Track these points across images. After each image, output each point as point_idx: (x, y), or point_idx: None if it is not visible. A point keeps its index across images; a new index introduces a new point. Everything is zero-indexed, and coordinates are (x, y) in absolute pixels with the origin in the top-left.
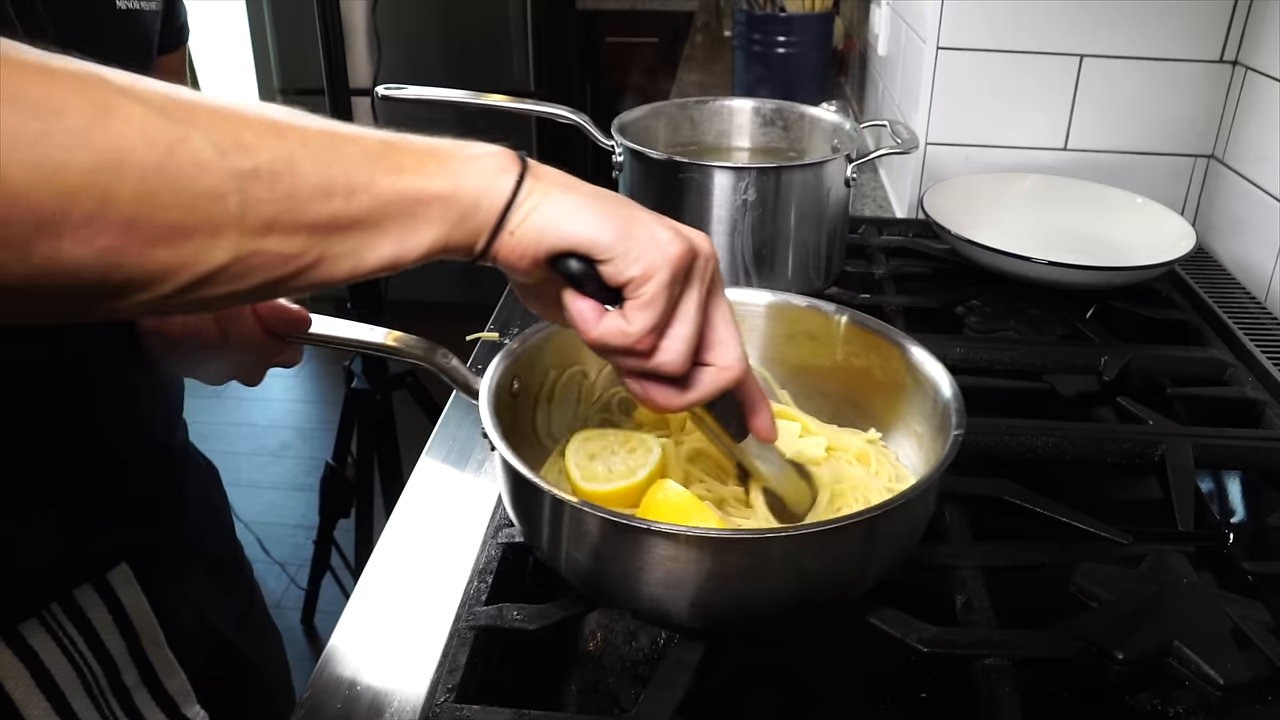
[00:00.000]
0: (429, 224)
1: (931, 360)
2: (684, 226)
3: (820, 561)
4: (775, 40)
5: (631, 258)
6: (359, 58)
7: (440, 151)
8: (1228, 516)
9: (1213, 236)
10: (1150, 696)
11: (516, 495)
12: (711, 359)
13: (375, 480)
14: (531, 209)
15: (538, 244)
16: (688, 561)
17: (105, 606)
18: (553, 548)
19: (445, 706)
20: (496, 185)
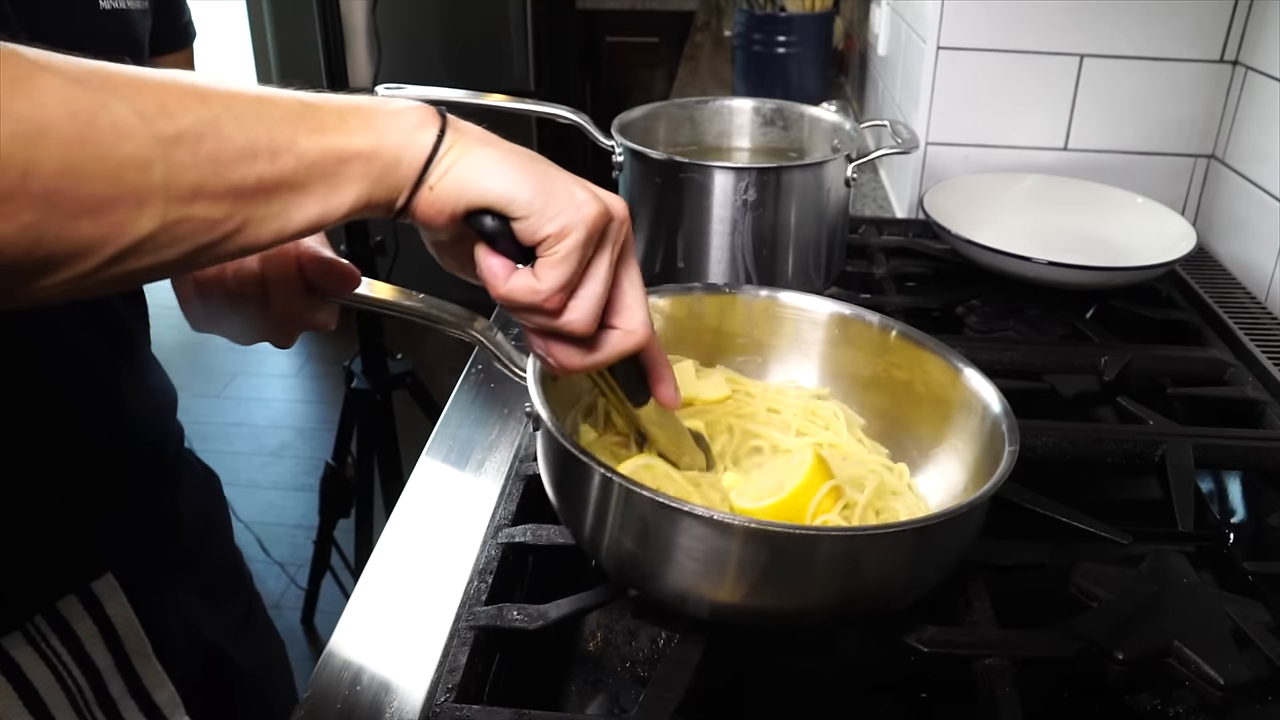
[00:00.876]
0: (351, 182)
1: (979, 377)
2: (599, 189)
3: (873, 565)
4: (775, 40)
5: (548, 216)
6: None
7: (362, 109)
8: (1228, 516)
9: (1213, 236)
10: (1150, 696)
11: (562, 474)
12: (618, 322)
13: (375, 480)
14: (451, 164)
15: (456, 200)
16: (739, 551)
17: (90, 618)
18: (596, 530)
19: (445, 706)
20: (417, 140)
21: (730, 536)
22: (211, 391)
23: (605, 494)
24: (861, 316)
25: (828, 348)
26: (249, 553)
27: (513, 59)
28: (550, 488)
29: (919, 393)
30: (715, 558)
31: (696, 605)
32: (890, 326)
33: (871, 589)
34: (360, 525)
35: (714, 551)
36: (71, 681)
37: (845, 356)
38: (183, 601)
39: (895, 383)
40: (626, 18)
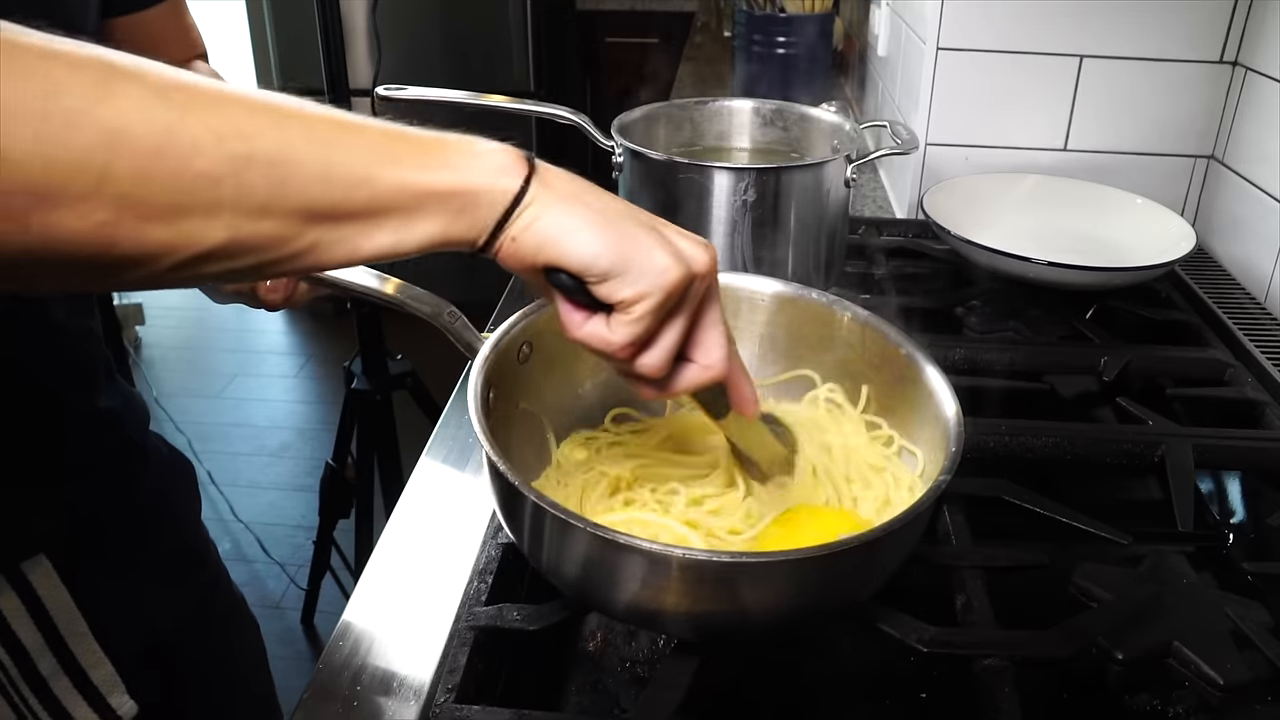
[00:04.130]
0: (427, 219)
1: (938, 377)
2: (686, 242)
3: (818, 584)
4: (775, 40)
5: (626, 282)
6: (359, 58)
7: (447, 146)
8: (1227, 517)
9: (1213, 237)
10: (1150, 696)
11: (504, 500)
12: (695, 356)
13: (375, 480)
14: (533, 219)
15: (535, 255)
16: (672, 580)
17: (16, 595)
18: (534, 550)
19: (445, 707)
20: (500, 186)
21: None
22: (211, 392)
23: (538, 520)
24: (830, 305)
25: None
26: (249, 553)
27: (513, 59)
28: (499, 512)
29: (885, 380)
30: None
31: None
32: (845, 310)
33: (824, 600)
34: (360, 525)
35: (639, 579)
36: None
37: (814, 338)
38: (129, 584)
39: (861, 369)
40: (626, 18)
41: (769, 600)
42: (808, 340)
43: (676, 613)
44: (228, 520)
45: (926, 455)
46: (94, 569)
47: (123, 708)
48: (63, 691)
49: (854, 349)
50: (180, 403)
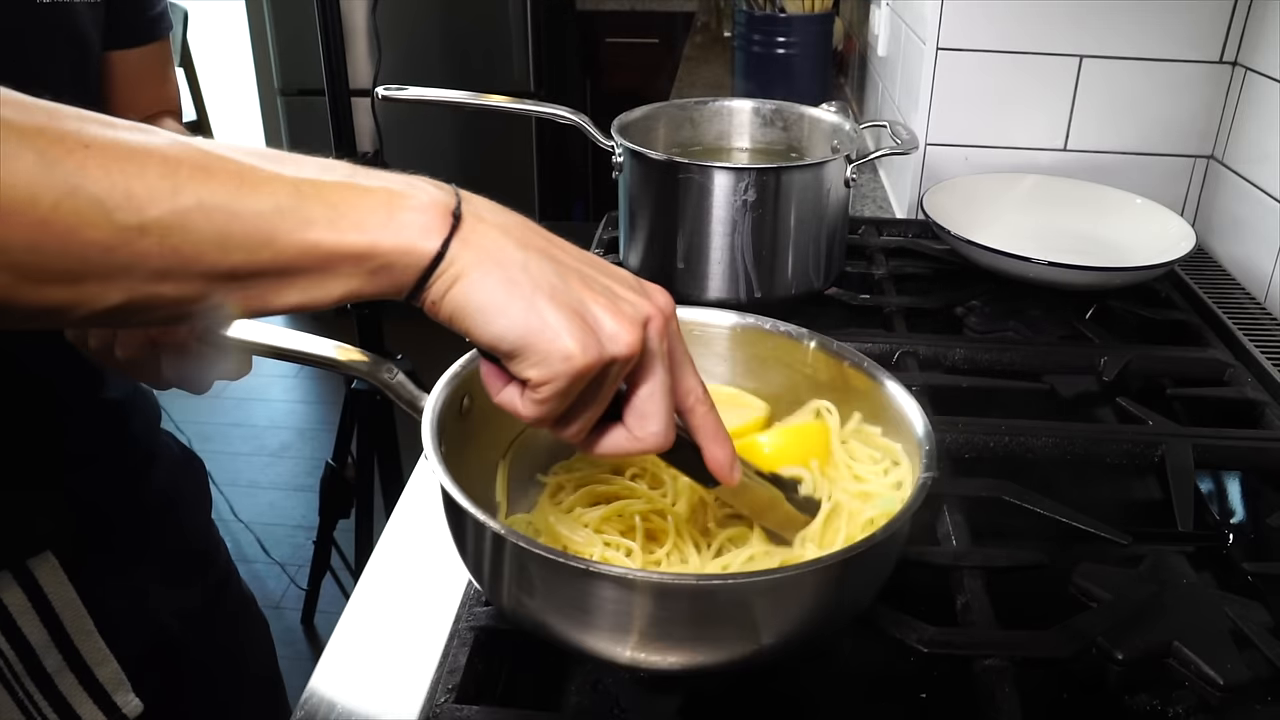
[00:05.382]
0: (338, 279)
1: (905, 395)
2: (613, 320)
3: (775, 610)
4: (775, 41)
5: (529, 364)
6: (359, 58)
7: (363, 200)
8: (1227, 517)
9: (1212, 237)
10: (1150, 696)
11: (455, 525)
12: (629, 424)
13: (375, 481)
14: (448, 286)
15: (450, 323)
16: (628, 606)
17: (23, 593)
18: (494, 585)
19: (445, 707)
20: (417, 249)
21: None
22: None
23: (495, 547)
24: (789, 333)
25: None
26: (249, 553)
27: (513, 59)
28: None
29: (854, 407)
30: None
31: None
32: (810, 340)
33: (781, 632)
34: (360, 526)
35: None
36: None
37: (779, 375)
38: (136, 582)
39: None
40: (626, 18)
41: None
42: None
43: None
44: (228, 520)
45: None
46: (101, 565)
47: (128, 705)
48: (68, 688)
49: (815, 375)
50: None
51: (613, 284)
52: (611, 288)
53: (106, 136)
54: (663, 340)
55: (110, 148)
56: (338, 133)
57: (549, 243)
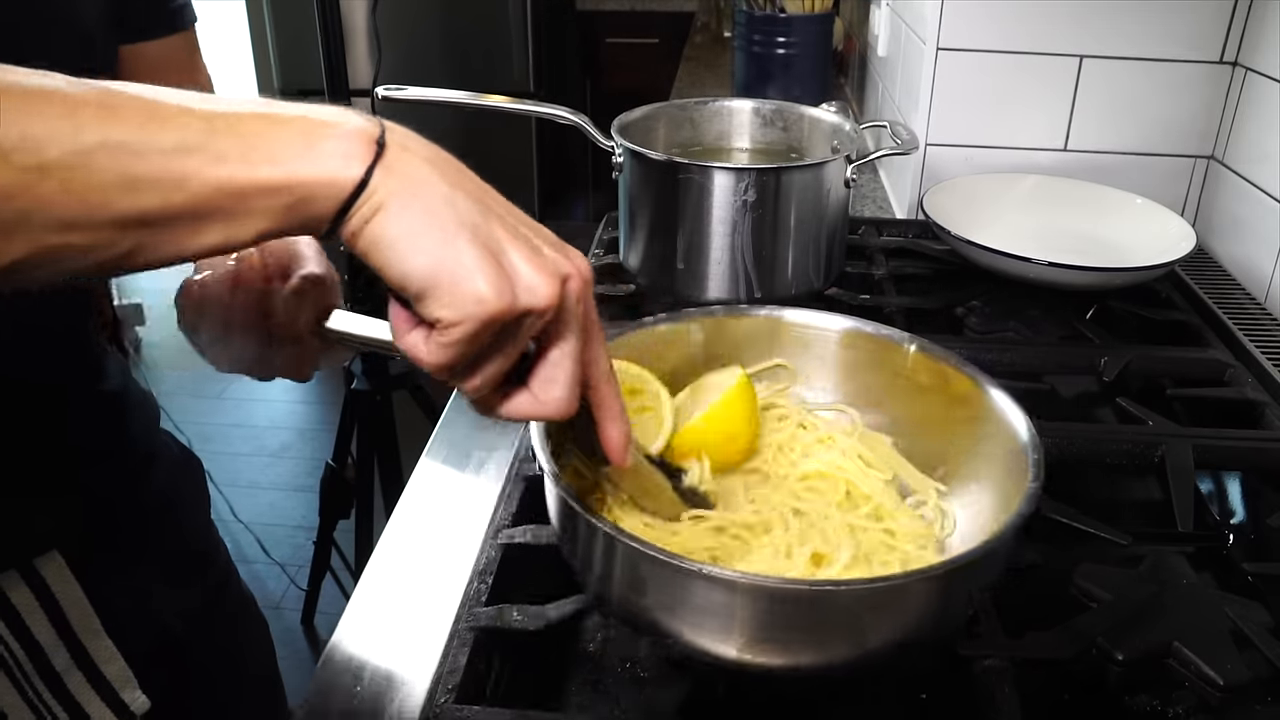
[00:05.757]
0: (255, 215)
1: (1009, 403)
2: (531, 270)
3: (883, 616)
4: (775, 41)
5: (441, 302)
6: (359, 58)
7: (280, 131)
8: (1227, 517)
9: (1213, 237)
10: (1150, 697)
11: (565, 525)
12: (534, 387)
13: (375, 481)
14: (367, 218)
15: (365, 257)
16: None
17: (31, 591)
18: (603, 582)
19: (445, 707)
20: (338, 179)
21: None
22: (212, 393)
23: (608, 549)
24: (890, 337)
25: (844, 364)
26: (249, 553)
27: (513, 59)
28: (559, 536)
29: (947, 416)
30: (718, 614)
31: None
32: (912, 344)
33: (888, 639)
34: (360, 526)
35: (716, 608)
36: (9, 654)
37: (863, 373)
38: (140, 580)
39: (922, 404)
40: (626, 18)
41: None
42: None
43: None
44: (228, 520)
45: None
46: (106, 564)
47: (135, 703)
48: (76, 686)
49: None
50: (180, 403)
51: (534, 237)
52: (533, 240)
53: (2, 79)
54: (579, 304)
55: (5, 90)
56: None
57: (478, 185)
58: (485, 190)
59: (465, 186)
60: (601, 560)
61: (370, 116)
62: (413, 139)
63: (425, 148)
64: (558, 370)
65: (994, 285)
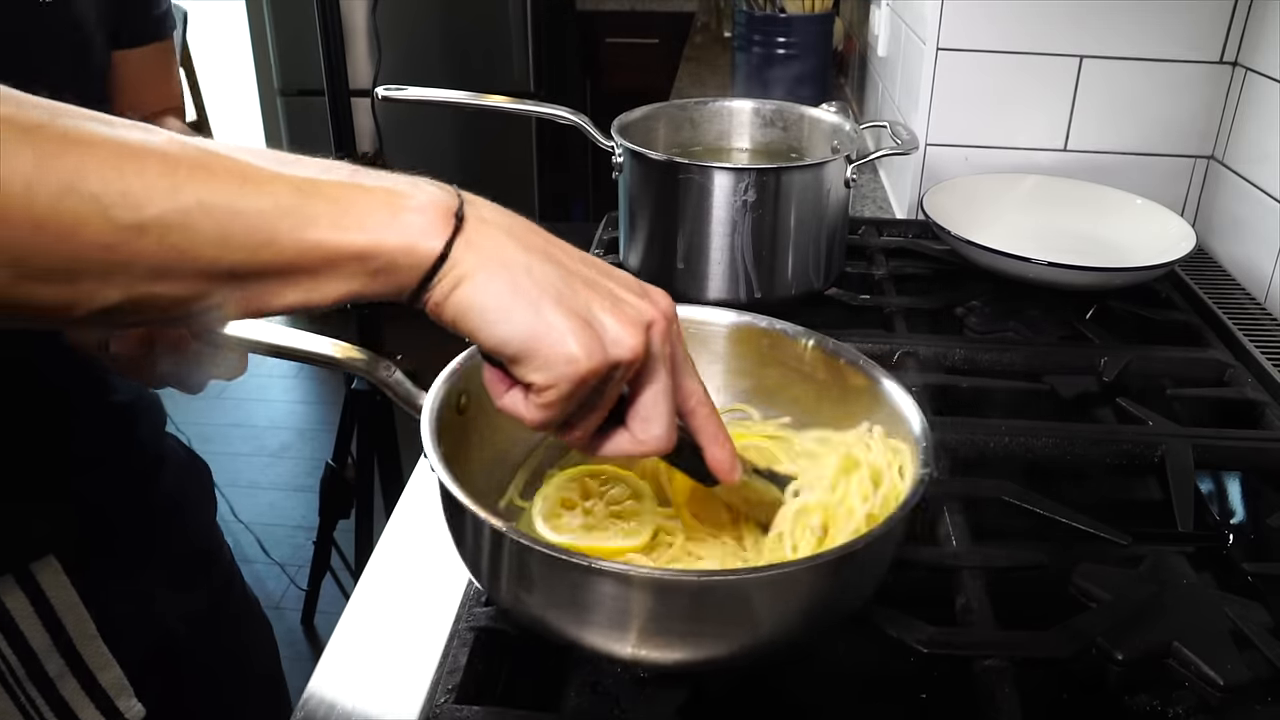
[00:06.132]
0: (339, 279)
1: (902, 393)
2: (618, 323)
3: (774, 606)
4: (775, 41)
5: (533, 368)
6: (359, 58)
7: (366, 200)
8: (1227, 517)
9: (1212, 237)
10: (1150, 697)
11: (453, 522)
12: (633, 427)
13: (375, 481)
14: (453, 286)
15: (453, 326)
16: (631, 603)
17: (26, 597)
18: (492, 582)
19: (445, 707)
20: (420, 249)
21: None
22: (212, 393)
23: (495, 545)
24: (784, 331)
25: (734, 360)
26: (249, 553)
27: (513, 59)
28: (452, 537)
29: (850, 407)
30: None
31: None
32: (808, 338)
33: (778, 627)
34: (360, 526)
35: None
36: (1, 659)
37: (776, 373)
38: (140, 586)
39: (828, 398)
40: (626, 18)
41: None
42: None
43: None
44: (228, 520)
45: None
46: (104, 569)
47: (130, 711)
48: (70, 693)
49: (813, 374)
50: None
51: (615, 287)
52: (614, 291)
53: (105, 134)
54: (665, 343)
55: (109, 146)
56: (338, 133)
57: (551, 244)
58: (562, 249)
59: (542, 250)
60: (489, 558)
61: (447, 187)
62: (489, 209)
63: (502, 216)
64: (652, 408)
65: (994, 285)
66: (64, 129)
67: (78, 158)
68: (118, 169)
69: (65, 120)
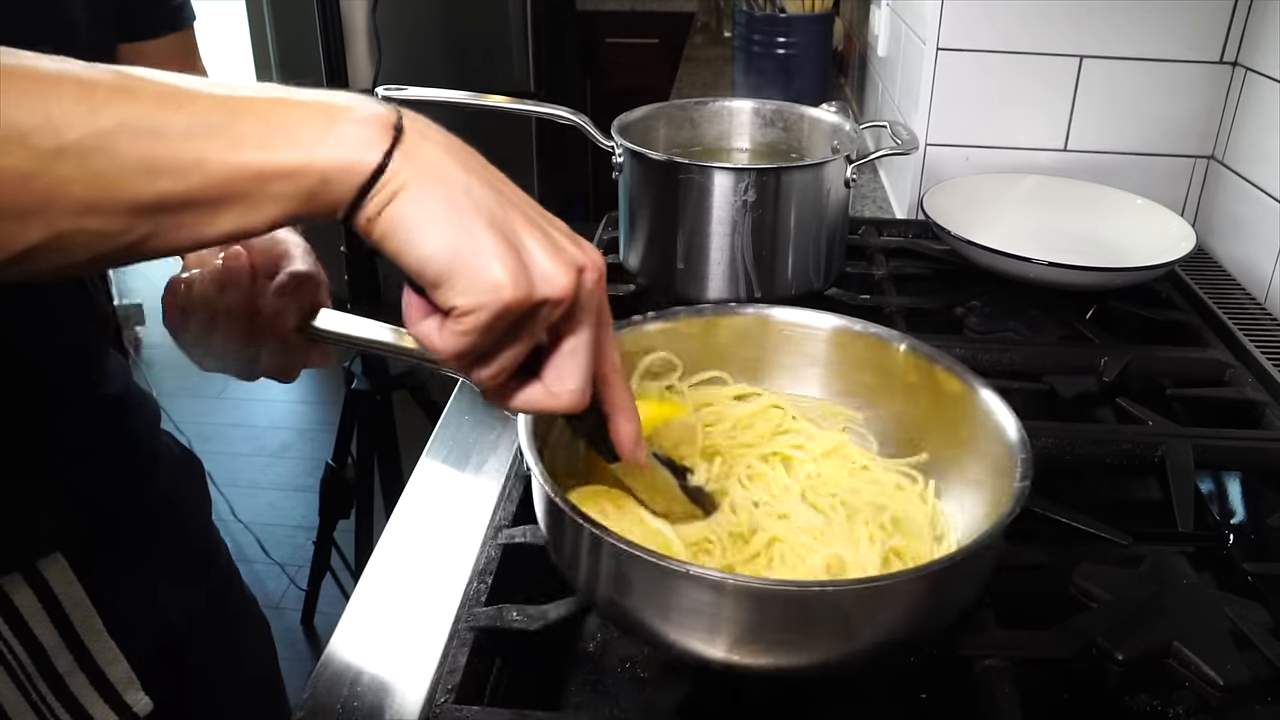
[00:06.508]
0: (272, 200)
1: (998, 402)
2: (549, 259)
3: (871, 616)
4: (775, 41)
5: (457, 289)
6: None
7: (297, 115)
8: (1227, 517)
9: (1213, 237)
10: (1150, 697)
11: (552, 524)
12: (546, 379)
13: (375, 481)
14: (385, 202)
15: (380, 244)
16: (728, 610)
17: (34, 593)
18: (589, 582)
19: (445, 707)
20: (356, 163)
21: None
22: (212, 393)
23: (594, 549)
24: (880, 336)
25: (834, 364)
26: (249, 553)
27: (513, 59)
28: (545, 533)
29: (937, 415)
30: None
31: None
32: (901, 342)
33: (877, 640)
34: (360, 526)
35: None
36: (12, 656)
37: (865, 376)
38: (143, 581)
39: (914, 403)
40: (626, 19)
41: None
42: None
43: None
44: (228, 520)
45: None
46: (109, 565)
47: (138, 704)
48: (79, 688)
49: (906, 378)
50: (180, 403)
51: (550, 228)
52: (549, 230)
53: (19, 63)
54: (593, 295)
55: (23, 73)
56: None
57: (493, 174)
58: (502, 180)
59: (482, 175)
60: (588, 561)
61: (388, 104)
62: (431, 127)
63: (443, 136)
64: (571, 361)
65: (994, 285)
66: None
67: (4, 86)
68: (36, 94)
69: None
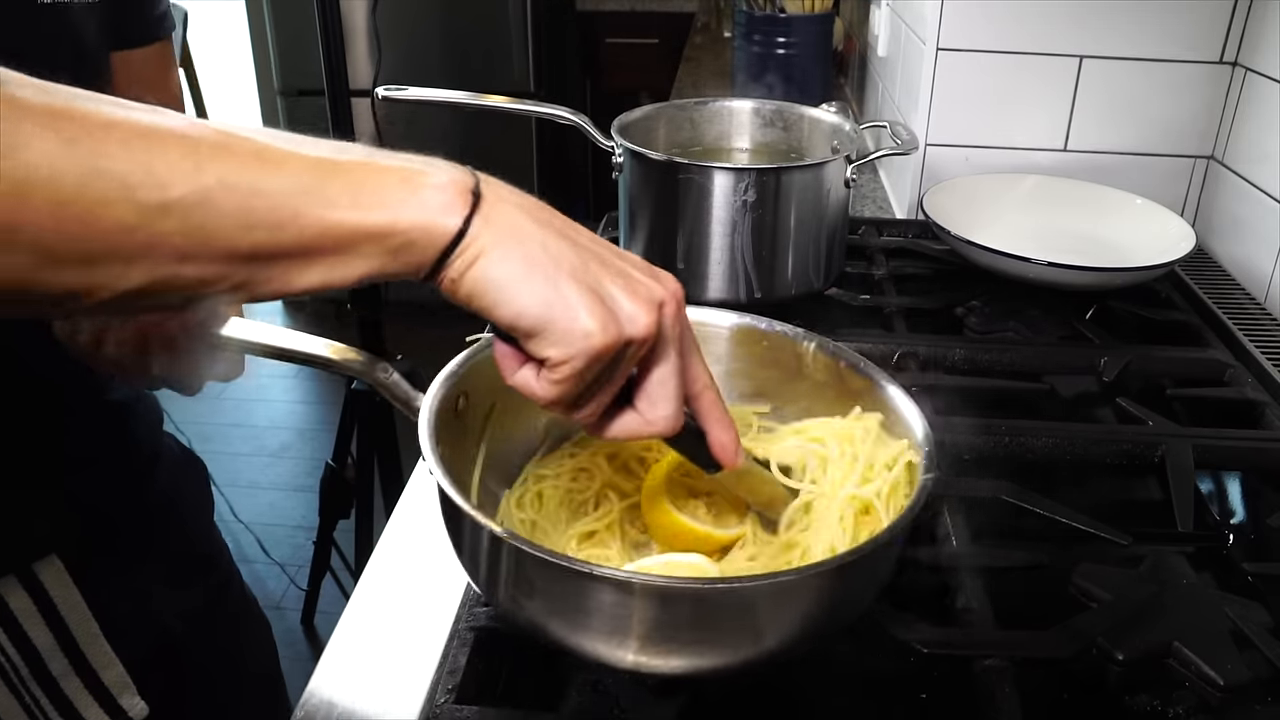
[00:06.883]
0: (360, 258)
1: (903, 396)
2: (631, 301)
3: (776, 613)
4: (775, 41)
5: (548, 343)
6: (359, 58)
7: (384, 179)
8: (1227, 517)
9: (1212, 237)
10: (1150, 697)
11: (451, 526)
12: (640, 408)
13: (375, 481)
14: (470, 262)
15: (468, 302)
16: (629, 610)
17: (29, 596)
18: (490, 585)
19: (445, 707)
20: (438, 226)
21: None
22: (212, 393)
23: (494, 548)
24: (786, 334)
25: (738, 363)
26: (249, 553)
27: (513, 60)
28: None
29: (838, 408)
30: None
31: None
32: (809, 341)
33: (782, 635)
34: (360, 526)
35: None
36: (6, 660)
37: (775, 376)
38: (139, 584)
39: (827, 401)
40: (626, 18)
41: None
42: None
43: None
44: (228, 520)
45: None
46: (105, 568)
47: (134, 709)
48: (74, 692)
49: (813, 376)
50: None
51: (627, 266)
52: (626, 270)
53: (124, 116)
54: (675, 324)
55: (129, 127)
56: (338, 134)
57: (565, 224)
58: (575, 228)
59: (557, 228)
60: (487, 562)
61: (462, 167)
62: (505, 188)
63: (516, 195)
64: (662, 390)
65: (994, 285)
66: (85, 111)
67: (101, 140)
68: (142, 150)
69: (84, 103)
